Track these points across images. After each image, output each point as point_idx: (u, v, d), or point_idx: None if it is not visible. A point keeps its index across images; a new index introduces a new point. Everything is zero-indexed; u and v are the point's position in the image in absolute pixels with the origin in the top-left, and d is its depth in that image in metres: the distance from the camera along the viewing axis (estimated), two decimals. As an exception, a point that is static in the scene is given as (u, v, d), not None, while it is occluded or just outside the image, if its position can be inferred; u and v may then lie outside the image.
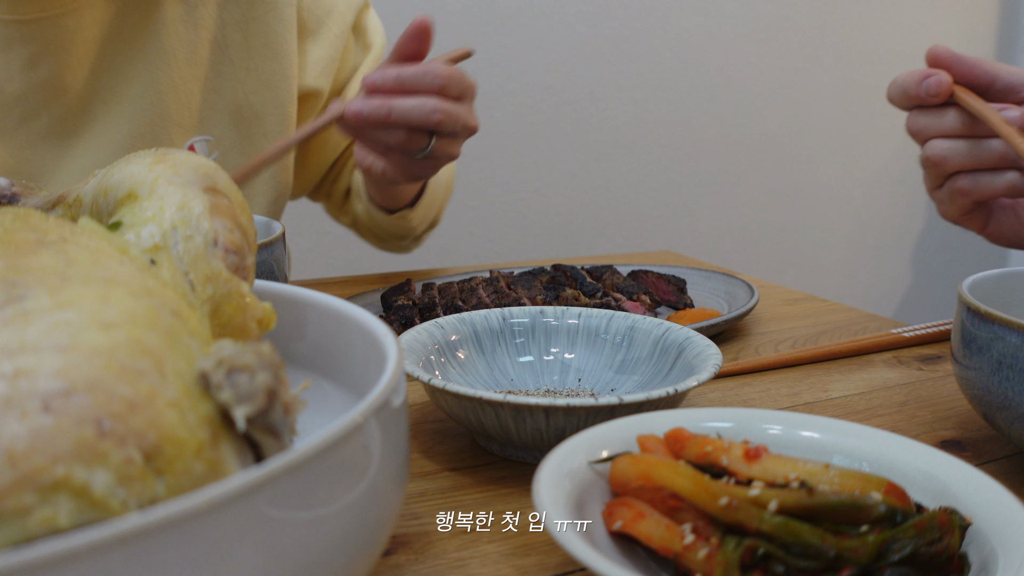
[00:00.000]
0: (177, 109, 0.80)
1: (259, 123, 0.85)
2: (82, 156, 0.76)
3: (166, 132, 0.79)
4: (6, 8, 0.71)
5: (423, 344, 0.53)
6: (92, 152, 0.76)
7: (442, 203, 0.97)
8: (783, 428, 0.40)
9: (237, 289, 0.33)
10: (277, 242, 0.64)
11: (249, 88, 0.84)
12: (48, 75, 0.73)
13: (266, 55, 0.84)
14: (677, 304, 0.76)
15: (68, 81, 0.74)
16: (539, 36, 1.61)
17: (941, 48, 0.62)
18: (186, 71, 0.80)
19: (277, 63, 0.85)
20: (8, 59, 0.71)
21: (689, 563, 0.31)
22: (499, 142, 1.63)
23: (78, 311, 0.25)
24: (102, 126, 0.77)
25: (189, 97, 0.81)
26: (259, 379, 0.25)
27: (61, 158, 0.76)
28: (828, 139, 1.96)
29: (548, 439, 0.44)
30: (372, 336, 0.35)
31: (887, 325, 0.74)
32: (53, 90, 0.74)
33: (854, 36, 1.91)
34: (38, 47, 0.72)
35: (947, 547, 0.31)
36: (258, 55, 0.84)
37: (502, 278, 0.76)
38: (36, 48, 0.72)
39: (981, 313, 0.45)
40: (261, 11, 0.84)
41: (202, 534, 0.21)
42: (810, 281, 1.99)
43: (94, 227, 0.32)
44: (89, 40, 0.74)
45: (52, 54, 0.72)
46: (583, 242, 1.73)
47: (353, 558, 0.27)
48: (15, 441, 0.21)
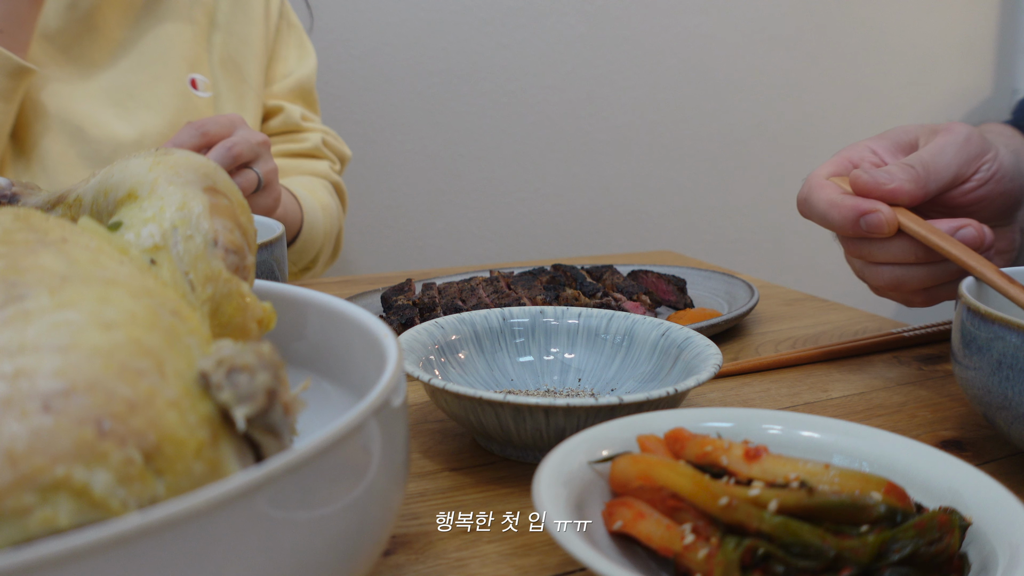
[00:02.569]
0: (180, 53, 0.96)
1: (241, 72, 1.02)
2: (100, 79, 0.91)
3: (175, 62, 0.95)
4: None
5: (423, 344, 0.53)
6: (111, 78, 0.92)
7: (321, 246, 1.07)
8: (783, 428, 0.40)
9: (237, 289, 0.33)
10: (277, 242, 0.64)
11: (232, 45, 1.02)
12: (84, 12, 0.89)
13: (245, 20, 1.03)
14: (677, 304, 0.76)
15: (99, 22, 0.91)
16: (539, 36, 1.61)
17: (863, 177, 0.56)
18: (187, 28, 0.97)
19: (253, 26, 1.03)
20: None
21: (689, 563, 0.31)
22: (499, 142, 1.63)
23: (78, 311, 0.25)
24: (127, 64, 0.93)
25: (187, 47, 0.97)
26: (259, 379, 0.25)
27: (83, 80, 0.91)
28: (828, 139, 1.96)
29: (548, 439, 0.44)
30: (372, 336, 0.35)
31: (887, 325, 0.74)
32: (87, 26, 0.90)
33: (854, 36, 1.91)
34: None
35: (947, 547, 0.31)
36: (240, 20, 1.02)
37: (502, 278, 0.76)
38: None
39: (981, 313, 0.45)
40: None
41: (202, 534, 0.21)
42: (810, 281, 1.99)
43: (94, 227, 0.32)
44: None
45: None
46: (583, 242, 1.73)
47: (353, 558, 0.27)
48: (15, 441, 0.21)
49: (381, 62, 1.47)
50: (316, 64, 1.12)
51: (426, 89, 1.53)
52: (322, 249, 1.07)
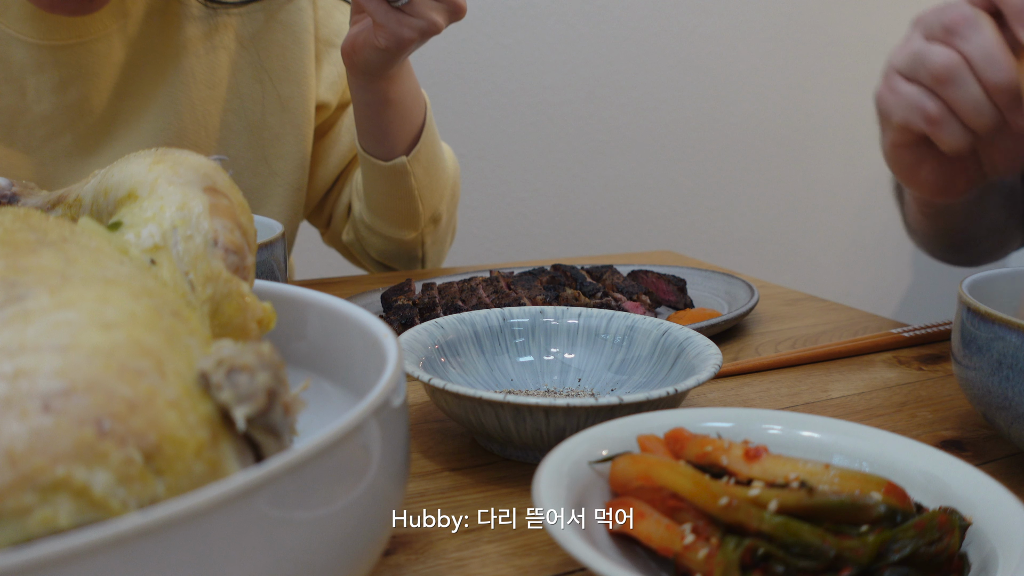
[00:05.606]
0: (195, 128, 0.82)
1: (276, 144, 0.87)
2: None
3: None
4: (42, 34, 0.73)
5: (423, 344, 0.52)
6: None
7: (452, 194, 0.93)
8: (783, 428, 0.40)
9: (237, 289, 0.33)
10: (277, 242, 0.64)
11: (267, 109, 0.85)
12: (76, 97, 0.75)
13: (284, 78, 0.86)
14: (677, 304, 0.76)
15: (94, 103, 0.76)
16: (539, 36, 1.61)
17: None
18: (205, 92, 0.82)
19: (295, 86, 0.87)
20: (39, 81, 0.74)
21: (689, 563, 0.31)
22: (499, 142, 1.63)
23: (78, 311, 0.25)
24: (122, 145, 0.78)
25: (207, 117, 0.82)
26: (259, 379, 0.25)
27: (81, 175, 0.77)
28: (828, 139, 1.96)
29: (548, 439, 0.44)
30: (372, 336, 0.35)
31: (887, 325, 0.74)
32: (79, 111, 0.76)
33: (854, 36, 1.91)
34: (69, 71, 0.74)
35: (947, 547, 0.31)
36: (276, 77, 0.85)
37: (502, 278, 0.76)
38: (67, 72, 0.74)
39: (981, 313, 0.45)
40: (280, 35, 0.86)
41: (202, 534, 0.21)
42: (810, 281, 1.99)
43: (94, 227, 0.32)
44: (115, 63, 0.77)
45: (81, 78, 0.75)
46: (583, 242, 1.73)
47: (353, 558, 0.27)
48: (15, 441, 0.21)
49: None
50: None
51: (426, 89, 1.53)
52: (452, 196, 0.94)
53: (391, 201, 0.89)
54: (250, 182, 0.86)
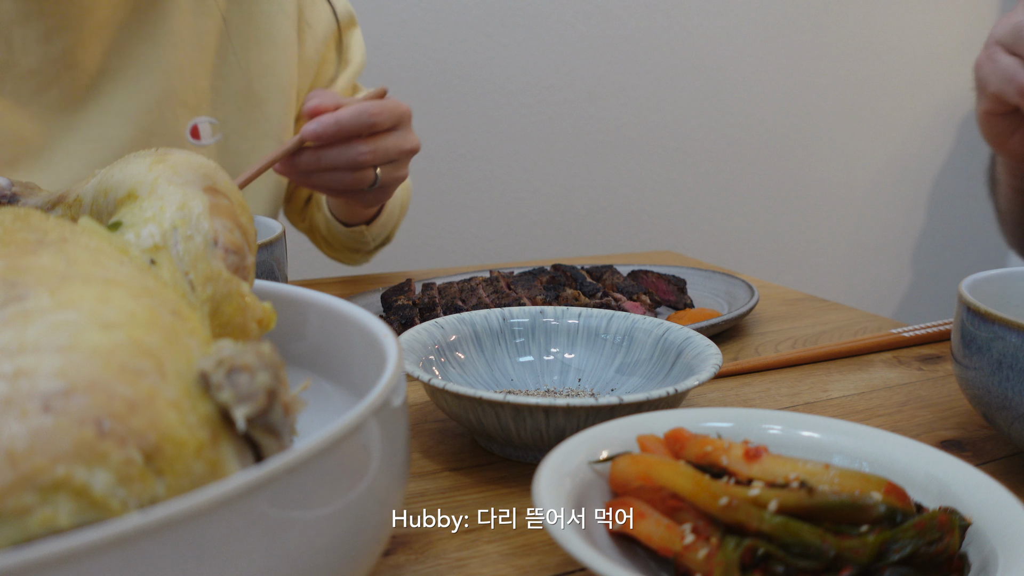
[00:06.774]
0: (183, 89, 0.83)
1: (263, 108, 0.88)
2: (90, 128, 0.79)
3: (171, 111, 0.82)
4: None
5: (423, 344, 0.52)
6: (100, 125, 0.80)
7: (397, 221, 1.01)
8: (783, 428, 0.40)
9: (237, 289, 0.33)
10: (277, 242, 0.64)
11: (253, 75, 0.87)
12: (62, 49, 0.76)
13: (268, 44, 0.88)
14: (677, 304, 0.76)
15: (80, 56, 0.77)
16: (539, 36, 1.61)
17: None
18: (192, 55, 0.83)
19: (279, 52, 0.88)
20: (25, 32, 0.75)
21: (689, 563, 0.31)
22: (499, 142, 1.63)
23: (78, 311, 0.25)
24: (110, 100, 0.80)
25: (195, 79, 0.84)
26: (259, 379, 0.25)
27: (70, 129, 0.79)
28: (828, 139, 1.96)
29: (548, 439, 0.44)
30: (372, 336, 0.35)
31: (887, 325, 0.74)
32: (65, 64, 0.77)
33: (854, 36, 1.91)
34: (54, 22, 0.75)
35: (947, 547, 0.31)
36: (261, 44, 0.87)
37: (502, 278, 0.76)
38: (52, 23, 0.75)
39: (981, 313, 0.45)
40: (264, 5, 0.88)
41: (202, 534, 0.21)
42: (810, 281, 1.99)
43: (94, 227, 0.32)
44: (102, 20, 0.78)
45: (66, 29, 0.76)
46: (583, 242, 1.73)
47: (353, 558, 0.27)
48: (15, 441, 0.21)
49: (381, 62, 1.47)
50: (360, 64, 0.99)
51: (426, 89, 1.53)
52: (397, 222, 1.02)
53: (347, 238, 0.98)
54: (239, 146, 0.88)
